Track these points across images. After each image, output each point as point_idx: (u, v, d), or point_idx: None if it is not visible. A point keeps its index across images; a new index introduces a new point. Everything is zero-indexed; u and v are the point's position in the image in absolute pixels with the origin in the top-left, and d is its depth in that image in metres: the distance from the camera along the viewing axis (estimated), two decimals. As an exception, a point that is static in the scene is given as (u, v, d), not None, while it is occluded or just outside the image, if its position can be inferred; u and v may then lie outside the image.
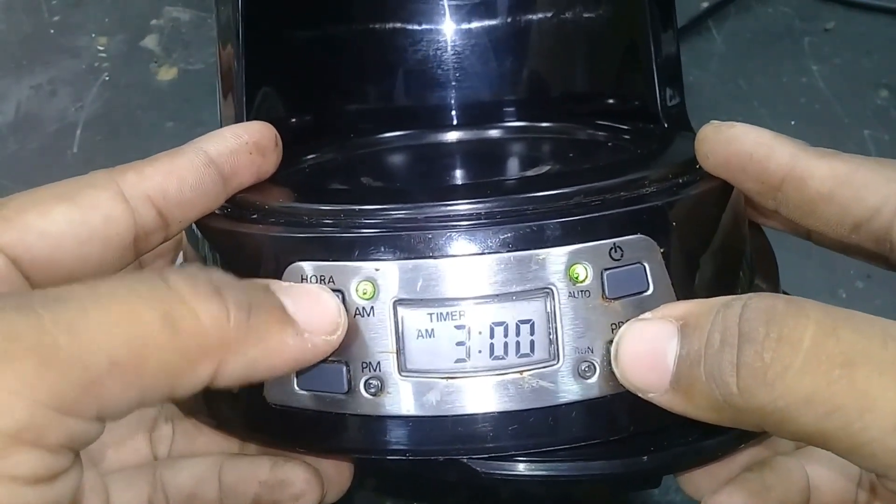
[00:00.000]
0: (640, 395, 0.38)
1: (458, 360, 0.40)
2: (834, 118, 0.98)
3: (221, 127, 0.58)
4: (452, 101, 0.67)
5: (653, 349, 0.38)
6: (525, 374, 0.40)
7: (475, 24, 0.67)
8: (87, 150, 1.01)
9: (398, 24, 0.66)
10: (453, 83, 0.67)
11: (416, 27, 0.66)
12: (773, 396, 0.33)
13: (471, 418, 0.40)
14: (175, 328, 0.33)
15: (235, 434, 0.48)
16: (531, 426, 0.40)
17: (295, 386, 0.42)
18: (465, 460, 0.41)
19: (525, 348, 0.40)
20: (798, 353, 0.33)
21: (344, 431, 0.42)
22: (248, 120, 0.58)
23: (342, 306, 0.39)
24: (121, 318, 0.32)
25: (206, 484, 0.48)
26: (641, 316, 0.39)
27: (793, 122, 0.99)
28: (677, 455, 0.43)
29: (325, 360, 0.40)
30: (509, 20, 0.67)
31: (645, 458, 0.42)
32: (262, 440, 0.47)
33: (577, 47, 0.68)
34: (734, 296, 0.36)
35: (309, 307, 0.38)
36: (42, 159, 1.01)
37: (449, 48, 0.66)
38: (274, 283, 0.39)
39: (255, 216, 0.45)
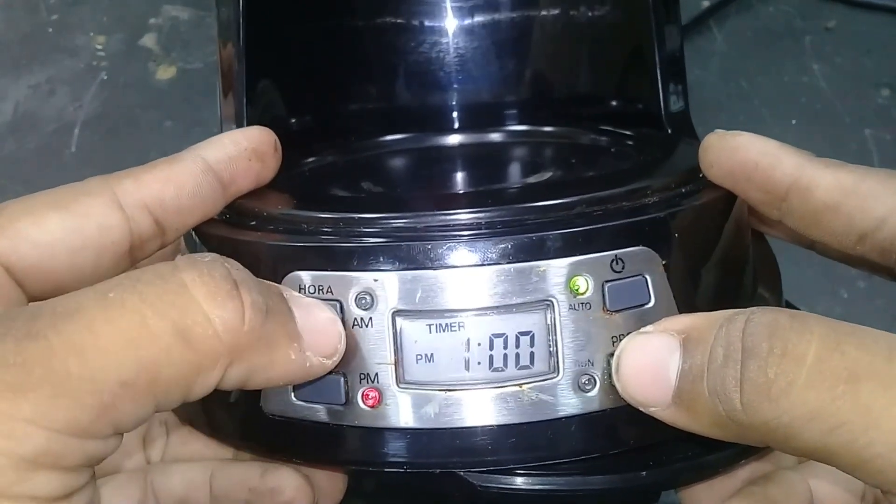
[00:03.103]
0: (641, 409, 0.38)
1: (457, 372, 0.40)
2: (835, 117, 0.98)
3: (221, 126, 0.58)
4: (454, 104, 0.67)
5: (654, 363, 0.37)
6: (524, 386, 0.40)
7: (478, 26, 0.66)
8: (86, 149, 1.01)
9: (400, 25, 0.66)
10: (455, 85, 0.67)
11: (417, 28, 0.66)
12: (777, 412, 0.33)
13: (469, 431, 0.40)
14: (188, 339, 0.33)
15: (231, 443, 0.48)
16: (530, 439, 0.40)
17: (292, 397, 0.41)
18: (462, 474, 0.41)
19: (525, 360, 0.40)
20: (802, 369, 0.33)
21: (341, 443, 0.41)
22: (248, 119, 0.58)
23: (343, 332, 0.39)
24: (131, 335, 0.32)
25: (197, 490, 0.48)
26: (643, 329, 0.39)
27: (794, 122, 0.99)
28: (677, 470, 0.43)
29: None
30: (512, 22, 0.67)
31: (644, 473, 0.42)
32: (257, 450, 0.46)
33: (581, 51, 0.68)
34: (737, 309, 0.36)
35: (315, 325, 0.38)
36: (40, 159, 1.01)
37: (451, 50, 0.66)
38: (287, 291, 0.39)
39: (253, 223, 0.45)
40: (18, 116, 1.05)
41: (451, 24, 0.66)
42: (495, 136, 0.65)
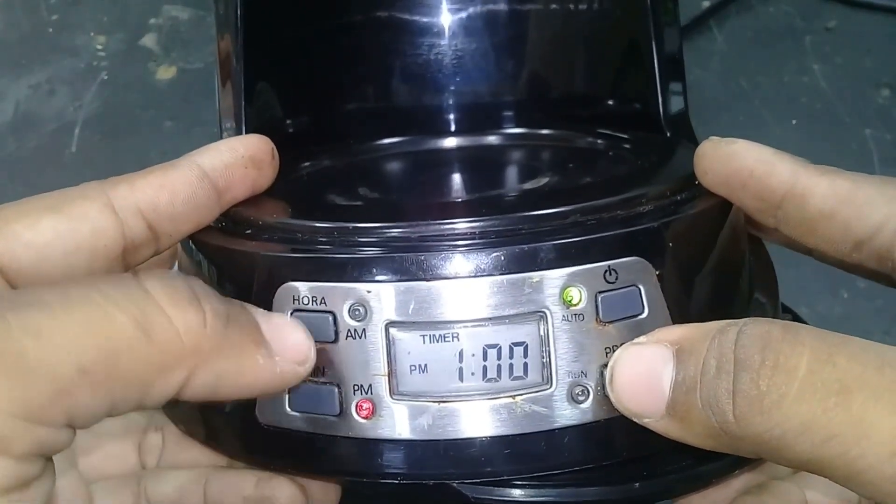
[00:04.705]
0: (635, 420, 0.38)
1: (450, 383, 0.40)
2: (835, 117, 0.98)
3: (220, 121, 0.58)
4: (452, 106, 0.67)
5: (648, 374, 0.37)
6: (518, 398, 0.40)
7: (476, 28, 0.66)
8: (86, 149, 1.01)
9: (396, 28, 0.66)
10: (452, 88, 0.66)
11: (414, 31, 0.66)
12: (769, 424, 0.33)
13: (463, 442, 0.40)
14: (148, 335, 0.33)
15: (226, 452, 0.48)
16: (524, 451, 0.40)
17: (287, 407, 0.41)
18: (456, 485, 0.41)
19: (518, 371, 0.40)
20: (794, 381, 0.33)
21: (335, 454, 0.41)
22: (246, 118, 0.58)
23: (312, 340, 0.39)
24: (92, 323, 0.32)
25: (191, 496, 0.48)
26: (636, 340, 0.39)
27: (794, 122, 0.99)
28: (671, 481, 0.43)
29: (317, 382, 0.40)
30: (510, 24, 0.67)
31: (637, 484, 0.42)
32: (252, 460, 0.46)
33: (581, 53, 0.68)
34: (730, 321, 0.36)
35: (281, 334, 0.38)
36: (40, 159, 1.02)
37: (449, 52, 0.66)
38: (250, 306, 0.39)
39: (248, 232, 0.45)
40: (19, 116, 1.05)
41: (449, 27, 0.66)
42: (492, 140, 0.65)
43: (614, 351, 0.39)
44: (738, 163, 0.44)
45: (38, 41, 1.12)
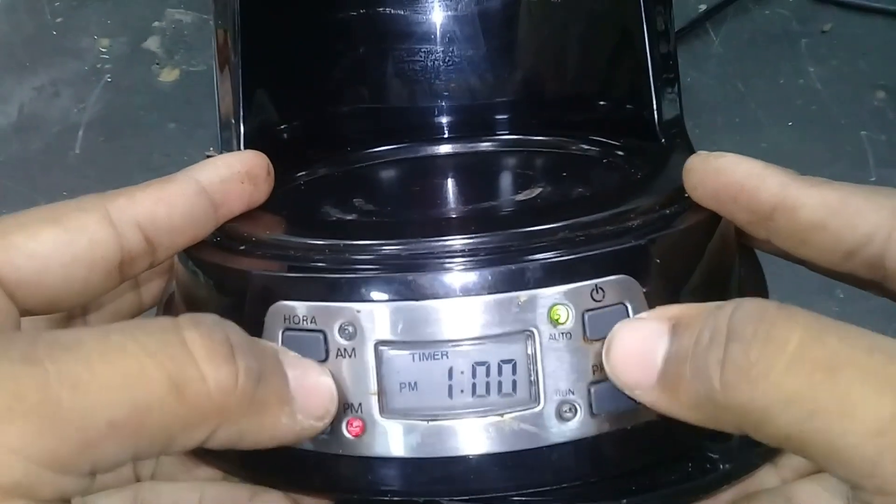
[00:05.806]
0: (627, 392, 0.38)
1: (440, 401, 0.40)
2: (831, 120, 0.99)
3: (219, 119, 0.59)
4: (447, 113, 0.67)
5: (644, 346, 0.38)
6: (506, 416, 0.40)
7: (474, 34, 0.66)
8: (89, 151, 1.01)
9: (389, 27, 0.66)
10: (448, 94, 0.66)
11: (410, 36, 0.66)
12: (754, 394, 0.33)
13: (452, 460, 0.40)
14: (181, 393, 0.33)
15: (219, 467, 0.48)
16: (512, 468, 0.41)
17: None
18: (445, 502, 0.41)
19: (507, 388, 0.40)
20: (783, 354, 0.33)
21: (325, 471, 0.42)
22: (244, 122, 0.59)
23: (336, 394, 0.39)
24: (126, 377, 0.32)
25: None
26: (637, 315, 0.40)
27: (790, 124, 0.99)
28: (658, 497, 0.43)
29: None
30: (506, 29, 0.67)
31: (625, 500, 0.42)
32: (244, 475, 0.47)
33: (575, 60, 0.68)
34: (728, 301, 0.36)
35: (308, 388, 0.38)
36: (44, 160, 1.02)
37: (445, 59, 0.66)
38: (283, 353, 0.39)
39: (242, 248, 0.46)
40: (23, 118, 1.06)
41: (446, 35, 0.66)
42: (486, 148, 0.65)
43: (602, 369, 0.40)
44: (727, 177, 0.44)
45: (42, 43, 1.13)
